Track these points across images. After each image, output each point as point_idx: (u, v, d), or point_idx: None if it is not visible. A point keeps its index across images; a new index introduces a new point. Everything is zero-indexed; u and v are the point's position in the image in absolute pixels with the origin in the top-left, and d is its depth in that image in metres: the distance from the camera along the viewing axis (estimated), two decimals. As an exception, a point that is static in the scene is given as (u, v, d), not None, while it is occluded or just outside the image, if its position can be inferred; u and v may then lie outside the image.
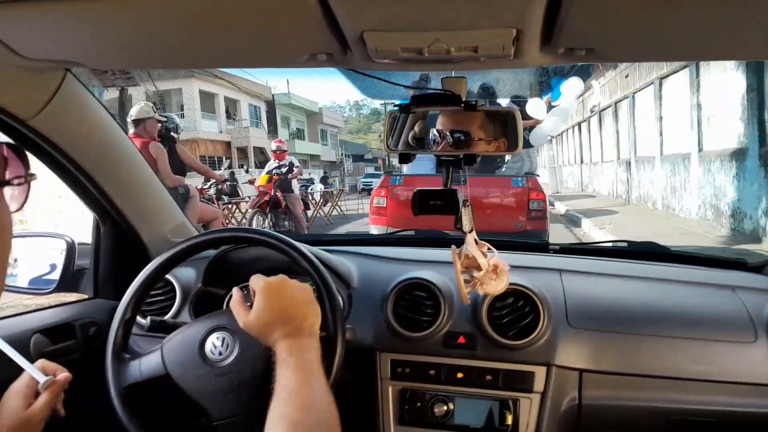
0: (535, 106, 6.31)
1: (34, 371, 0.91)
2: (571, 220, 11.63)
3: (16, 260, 1.45)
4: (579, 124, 21.24)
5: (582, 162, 21.41)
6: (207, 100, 28.94)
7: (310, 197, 13.93)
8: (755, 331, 1.23)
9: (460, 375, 1.27)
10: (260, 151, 31.07)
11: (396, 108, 1.05)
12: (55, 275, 1.43)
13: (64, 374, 0.95)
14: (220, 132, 30.25)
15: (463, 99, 1.00)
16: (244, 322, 0.92)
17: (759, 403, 1.18)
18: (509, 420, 1.23)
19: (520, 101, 5.80)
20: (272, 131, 34.11)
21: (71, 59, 0.94)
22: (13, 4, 0.68)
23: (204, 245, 1.19)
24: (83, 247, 1.48)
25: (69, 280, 1.43)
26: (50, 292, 1.45)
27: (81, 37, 0.82)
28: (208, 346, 1.04)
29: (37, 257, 1.47)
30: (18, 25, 0.76)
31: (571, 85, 6.52)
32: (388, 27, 0.71)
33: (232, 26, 0.74)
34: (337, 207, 14.50)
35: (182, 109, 26.31)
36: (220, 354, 1.03)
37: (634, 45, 0.82)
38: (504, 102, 4.18)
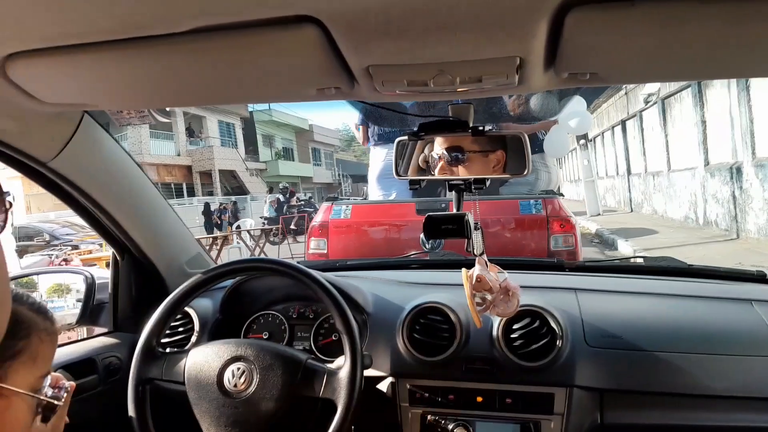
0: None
1: None
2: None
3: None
4: (623, 123, 15.35)
5: (629, 173, 15.34)
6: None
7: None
8: None
9: (479, 399, 1.26)
10: (231, 175, 26.93)
11: (404, 136, 1.07)
12: (76, 310, 1.45)
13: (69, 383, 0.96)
14: (178, 155, 25.37)
15: (470, 125, 1.02)
16: None
17: None
18: None
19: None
20: (252, 151, 30.25)
21: (88, 102, 0.97)
22: (31, 54, 0.71)
23: (221, 276, 1.21)
24: (102, 282, 1.51)
25: (89, 314, 1.46)
26: (71, 328, 1.47)
27: (97, 81, 0.85)
28: (227, 374, 1.07)
29: (57, 292, 1.50)
30: (37, 73, 0.79)
31: None
32: (393, 61, 0.73)
33: (242, 64, 0.77)
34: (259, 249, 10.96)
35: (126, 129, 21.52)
36: (236, 386, 1.05)
37: (637, 67, 0.83)
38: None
